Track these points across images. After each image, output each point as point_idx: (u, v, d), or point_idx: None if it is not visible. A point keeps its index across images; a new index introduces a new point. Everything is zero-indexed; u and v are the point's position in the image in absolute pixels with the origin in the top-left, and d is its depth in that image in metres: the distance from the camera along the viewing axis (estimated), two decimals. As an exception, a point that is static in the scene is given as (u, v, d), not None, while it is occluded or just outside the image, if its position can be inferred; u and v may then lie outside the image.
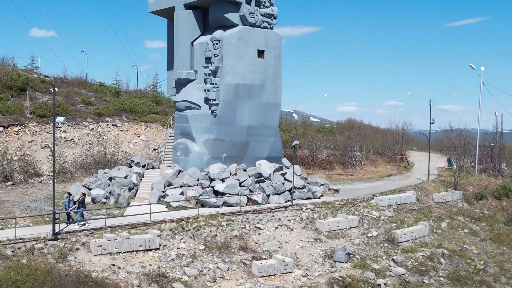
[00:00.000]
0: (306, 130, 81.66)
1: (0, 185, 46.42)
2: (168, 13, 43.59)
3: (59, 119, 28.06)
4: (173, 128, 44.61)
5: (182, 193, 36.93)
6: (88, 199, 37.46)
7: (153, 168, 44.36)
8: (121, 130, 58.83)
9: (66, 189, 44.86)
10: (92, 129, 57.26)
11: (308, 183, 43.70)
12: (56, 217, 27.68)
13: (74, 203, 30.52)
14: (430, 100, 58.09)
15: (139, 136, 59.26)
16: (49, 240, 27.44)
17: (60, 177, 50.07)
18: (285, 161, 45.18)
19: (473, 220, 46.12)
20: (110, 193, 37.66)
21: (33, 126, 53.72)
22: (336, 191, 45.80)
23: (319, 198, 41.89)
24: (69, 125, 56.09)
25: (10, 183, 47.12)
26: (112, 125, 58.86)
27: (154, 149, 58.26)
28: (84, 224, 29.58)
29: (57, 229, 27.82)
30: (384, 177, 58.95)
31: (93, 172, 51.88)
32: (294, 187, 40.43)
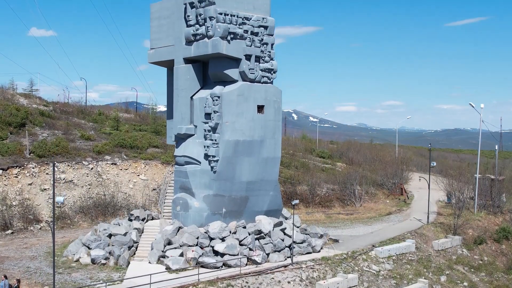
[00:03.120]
0: (306, 159, 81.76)
1: (0, 234, 46.38)
2: (168, 64, 43.62)
3: (58, 199, 28.03)
4: (172, 179, 44.45)
5: (181, 254, 36.88)
6: (87, 260, 37.47)
7: (152, 219, 44.27)
8: (121, 169, 58.84)
9: (66, 238, 45.08)
10: (92, 168, 57.26)
11: (308, 234, 43.76)
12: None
13: (10, 287, 29.36)
14: (430, 144, 58.07)
15: (138, 175, 59.24)
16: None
17: (60, 223, 50.06)
18: (285, 211, 45.26)
19: (472, 270, 46.13)
20: (109, 253, 37.61)
21: (32, 168, 53.76)
22: (336, 241, 45.81)
23: (318, 252, 41.86)
24: (69, 165, 56.13)
25: (9, 231, 47.06)
26: (112, 163, 58.85)
27: (153, 189, 58.28)
28: None
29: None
30: (384, 216, 58.96)
31: (93, 217, 52.01)
32: (294, 242, 40.43)
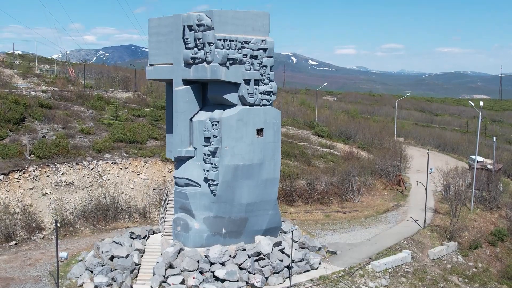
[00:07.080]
0: (305, 143, 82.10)
1: (4, 246, 47.19)
2: (167, 80, 43.25)
3: (62, 254, 28.52)
4: (172, 198, 44.75)
5: (183, 281, 37.81)
6: (91, 286, 38.38)
7: (153, 233, 45.06)
8: (121, 168, 59.16)
9: (70, 251, 45.73)
10: (92, 169, 57.61)
11: (306, 248, 44.76)
12: None
13: None
14: (428, 150, 58.19)
15: (138, 174, 59.65)
16: None
17: (62, 230, 50.75)
18: (284, 225, 46.00)
19: (466, 280, 47.22)
20: (112, 278, 38.47)
21: (33, 171, 54.06)
22: (333, 253, 46.76)
23: (316, 269, 42.79)
24: (69, 166, 56.45)
25: (13, 242, 47.85)
26: (112, 163, 59.13)
27: (153, 189, 58.83)
28: None
29: None
30: (381, 215, 59.73)
31: (95, 222, 52.80)
32: (293, 261, 41.34)
